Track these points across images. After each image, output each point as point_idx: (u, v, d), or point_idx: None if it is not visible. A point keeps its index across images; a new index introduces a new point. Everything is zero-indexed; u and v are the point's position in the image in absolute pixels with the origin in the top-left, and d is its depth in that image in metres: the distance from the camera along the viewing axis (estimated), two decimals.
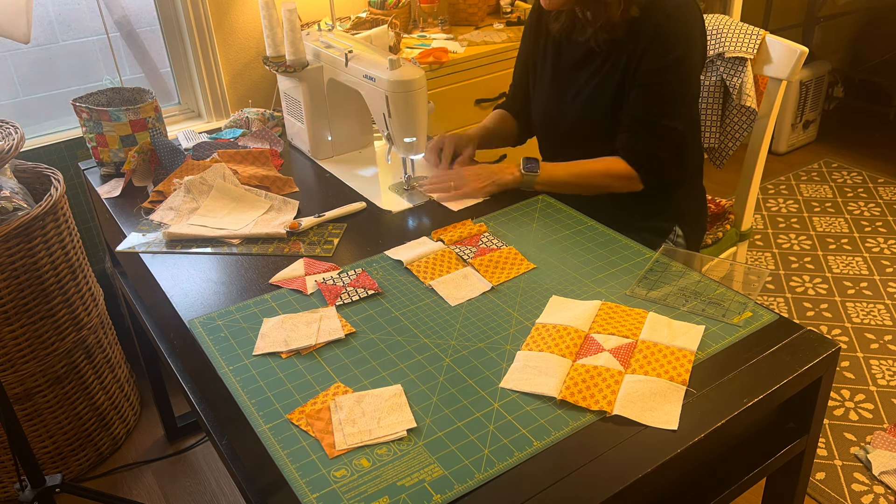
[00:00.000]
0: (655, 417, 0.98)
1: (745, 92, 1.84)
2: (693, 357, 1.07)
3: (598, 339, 1.11)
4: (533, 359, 1.08)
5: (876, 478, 1.89)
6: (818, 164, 3.52)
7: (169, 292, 1.29)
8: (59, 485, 1.62)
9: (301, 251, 1.39)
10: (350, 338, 1.15)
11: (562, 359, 1.07)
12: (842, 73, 3.95)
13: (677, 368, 1.05)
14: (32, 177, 2.01)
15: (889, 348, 2.33)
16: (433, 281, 1.27)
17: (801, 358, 1.05)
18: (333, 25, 2.30)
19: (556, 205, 1.51)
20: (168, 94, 2.51)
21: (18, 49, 2.21)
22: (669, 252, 1.32)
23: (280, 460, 0.94)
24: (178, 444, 2.18)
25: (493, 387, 1.04)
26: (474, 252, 1.34)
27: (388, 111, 1.52)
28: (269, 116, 1.93)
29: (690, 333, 1.11)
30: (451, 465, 0.93)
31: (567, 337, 1.11)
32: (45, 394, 1.93)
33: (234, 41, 2.43)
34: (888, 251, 2.84)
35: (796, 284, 2.68)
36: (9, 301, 1.78)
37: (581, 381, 1.03)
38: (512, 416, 0.99)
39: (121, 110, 1.69)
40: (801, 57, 1.76)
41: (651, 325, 1.14)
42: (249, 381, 1.07)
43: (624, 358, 1.07)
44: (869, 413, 2.09)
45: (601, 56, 1.52)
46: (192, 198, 1.55)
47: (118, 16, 2.35)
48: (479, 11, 2.71)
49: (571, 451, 0.93)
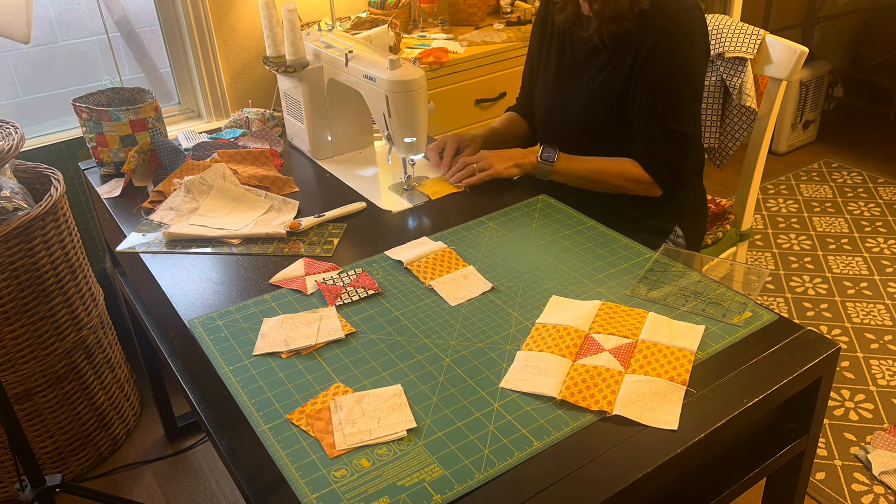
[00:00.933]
0: (655, 417, 0.98)
1: (745, 92, 1.84)
2: (693, 357, 1.07)
3: (598, 339, 1.11)
4: (533, 359, 1.08)
5: (876, 478, 1.89)
6: (818, 164, 3.52)
7: (169, 292, 1.29)
8: (59, 485, 1.62)
9: (301, 251, 1.39)
10: (350, 338, 1.15)
11: (562, 359, 1.07)
12: (842, 73, 3.95)
13: (677, 368, 1.05)
14: (32, 177, 2.01)
15: (889, 348, 2.33)
16: (433, 281, 1.27)
17: (801, 358, 1.05)
18: (333, 25, 2.30)
19: (556, 205, 1.51)
20: (168, 94, 2.51)
21: (18, 49, 2.21)
22: (669, 252, 1.32)
23: (280, 460, 0.94)
24: (178, 444, 2.18)
25: (493, 387, 1.04)
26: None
27: (388, 111, 1.52)
28: (269, 116, 1.93)
29: (690, 333, 1.11)
30: (451, 465, 0.92)
31: (567, 337, 1.11)
32: (45, 394, 1.93)
33: (234, 41, 2.44)
34: (888, 251, 2.84)
35: (796, 284, 2.68)
36: (9, 301, 1.78)
37: (581, 381, 1.03)
38: (512, 416, 0.99)
39: (121, 110, 1.69)
40: (801, 57, 1.76)
41: (651, 325, 1.14)
42: (249, 381, 1.07)
43: (624, 358, 1.07)
44: (869, 413, 2.09)
45: (607, 51, 1.52)
46: (192, 198, 1.55)
47: (118, 16, 2.35)
48: (479, 11, 2.71)
49: (571, 451, 0.93)
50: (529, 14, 2.70)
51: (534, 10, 2.72)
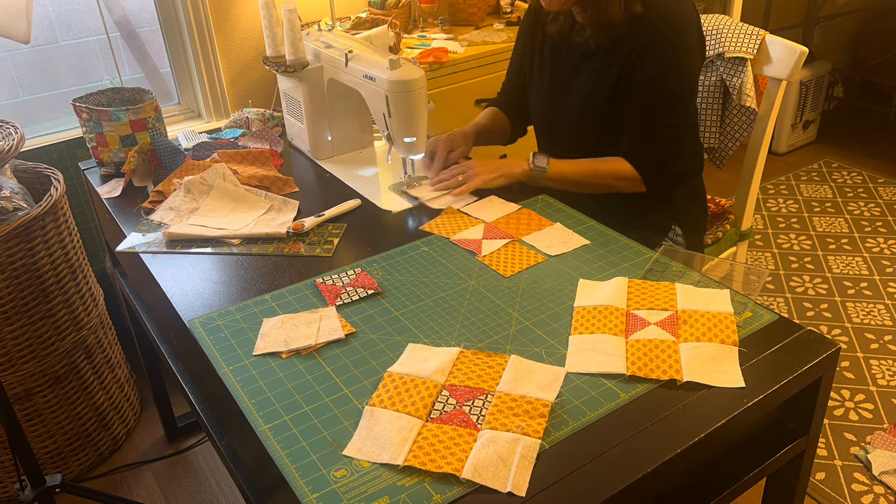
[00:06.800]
0: (720, 378, 1.02)
1: (745, 92, 1.84)
2: (734, 318, 1.12)
3: (640, 314, 1.15)
4: (587, 341, 1.11)
5: (876, 478, 1.89)
6: (818, 164, 3.52)
7: (169, 292, 1.29)
8: (59, 485, 1.62)
9: (301, 251, 1.39)
10: (350, 338, 1.15)
11: (615, 337, 1.11)
12: (842, 73, 3.95)
13: (725, 331, 1.10)
14: (32, 177, 2.01)
15: (889, 348, 2.33)
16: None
17: (801, 358, 1.05)
18: (333, 25, 2.30)
19: (556, 205, 1.51)
20: (168, 94, 2.51)
21: (18, 49, 2.21)
22: (669, 252, 1.32)
23: (280, 460, 0.94)
24: (178, 444, 2.18)
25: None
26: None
27: (388, 111, 1.52)
28: (269, 116, 1.93)
29: (719, 297, 1.17)
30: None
31: (611, 316, 1.15)
32: (45, 394, 1.93)
33: (234, 41, 2.44)
34: (888, 251, 2.84)
35: (796, 284, 2.68)
36: (9, 301, 1.78)
37: (642, 354, 1.07)
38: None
39: (121, 110, 1.69)
40: (801, 57, 1.76)
41: (682, 295, 1.18)
42: (249, 381, 1.07)
43: (671, 328, 1.11)
44: (869, 413, 2.09)
45: (600, 53, 1.52)
46: (192, 198, 1.55)
47: (118, 16, 2.35)
48: (479, 11, 2.71)
49: (571, 451, 0.93)
50: None
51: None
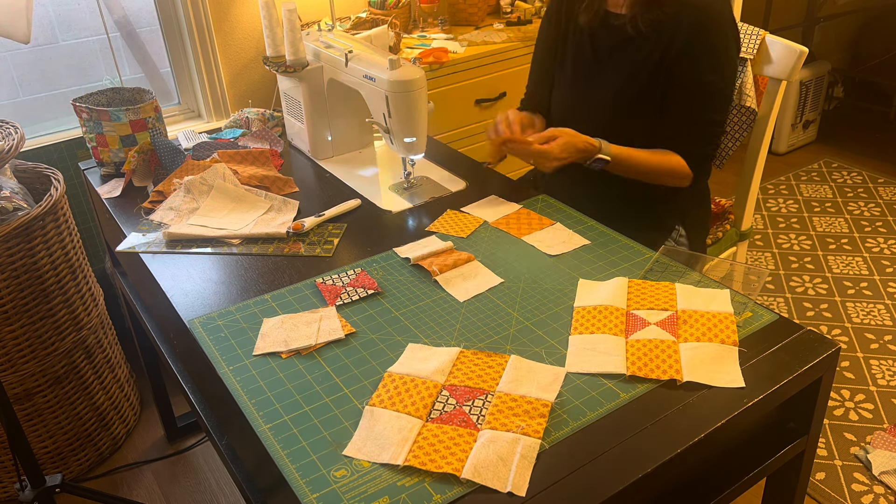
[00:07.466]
0: (720, 378, 1.03)
1: (745, 92, 1.84)
2: (734, 318, 1.11)
3: (640, 314, 1.15)
4: (587, 341, 1.11)
5: (876, 478, 1.89)
6: (818, 164, 3.52)
7: (169, 292, 1.29)
8: (59, 485, 1.62)
9: (301, 251, 1.39)
10: (350, 338, 1.15)
11: (615, 337, 1.11)
12: (842, 73, 3.95)
13: (725, 331, 1.10)
14: (32, 177, 2.01)
15: (889, 348, 2.33)
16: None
17: (801, 358, 1.05)
18: (333, 25, 2.30)
19: (556, 205, 1.51)
20: (168, 94, 2.51)
21: (18, 49, 2.21)
22: (669, 252, 1.32)
23: (280, 460, 0.94)
24: (178, 444, 2.18)
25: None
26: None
27: (388, 111, 1.52)
28: (269, 116, 1.93)
29: (719, 297, 1.16)
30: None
31: (611, 316, 1.15)
32: (45, 394, 1.93)
33: (234, 41, 2.44)
34: (888, 251, 2.84)
35: (796, 284, 2.68)
36: (9, 301, 1.78)
37: (642, 354, 1.07)
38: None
39: (121, 110, 1.69)
40: (801, 57, 1.76)
41: (682, 295, 1.18)
42: (249, 381, 1.07)
43: (671, 329, 1.11)
44: (869, 413, 2.09)
45: (635, 43, 1.51)
46: (192, 198, 1.55)
47: (118, 16, 2.35)
48: (479, 11, 2.71)
49: (571, 451, 0.93)
50: (529, 14, 2.70)
51: (534, 10, 2.71)
